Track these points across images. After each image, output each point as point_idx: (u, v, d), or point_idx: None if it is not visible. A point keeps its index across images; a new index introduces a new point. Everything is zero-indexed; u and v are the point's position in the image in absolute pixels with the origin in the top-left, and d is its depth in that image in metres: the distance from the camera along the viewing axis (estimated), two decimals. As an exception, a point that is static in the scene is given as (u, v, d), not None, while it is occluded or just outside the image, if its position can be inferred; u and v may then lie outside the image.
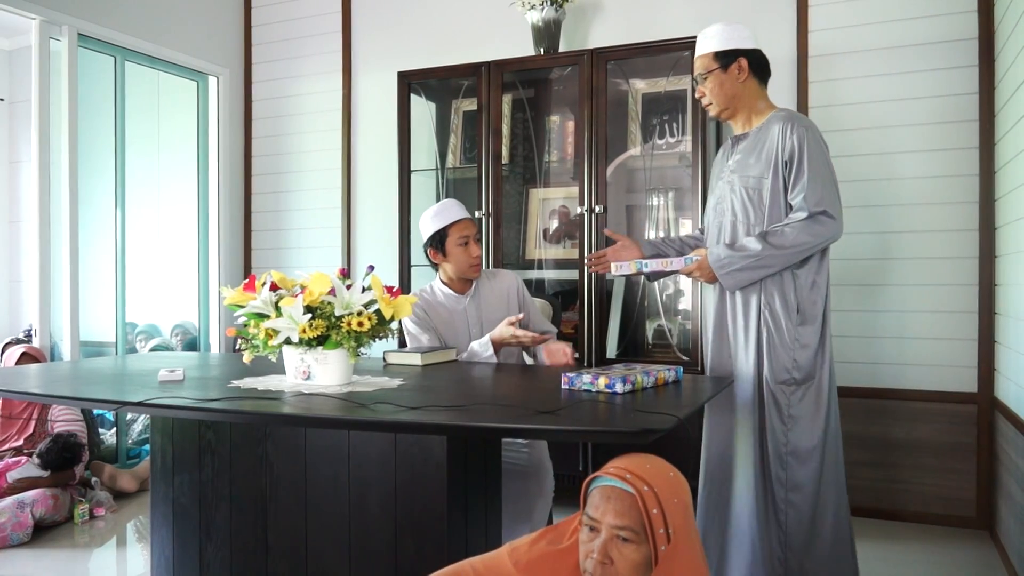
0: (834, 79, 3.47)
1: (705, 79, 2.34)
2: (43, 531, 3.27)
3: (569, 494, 2.96)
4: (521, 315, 2.54)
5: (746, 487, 2.29)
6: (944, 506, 3.31)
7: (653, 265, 2.38)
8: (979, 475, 3.25)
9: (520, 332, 2.49)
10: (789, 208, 2.25)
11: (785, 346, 2.24)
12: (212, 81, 4.58)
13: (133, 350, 4.45)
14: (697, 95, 2.40)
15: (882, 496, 3.40)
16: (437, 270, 2.74)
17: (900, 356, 3.37)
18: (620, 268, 2.43)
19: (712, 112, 2.39)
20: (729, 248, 2.25)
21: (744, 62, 2.31)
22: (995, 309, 3.19)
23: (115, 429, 4.06)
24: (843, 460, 2.34)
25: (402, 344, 3.84)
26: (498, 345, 2.55)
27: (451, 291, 2.70)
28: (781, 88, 3.53)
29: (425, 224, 2.68)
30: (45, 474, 3.35)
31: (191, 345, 4.60)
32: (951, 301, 3.30)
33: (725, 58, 2.31)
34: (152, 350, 4.51)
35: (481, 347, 2.56)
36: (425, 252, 2.71)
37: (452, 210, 2.67)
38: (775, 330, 2.25)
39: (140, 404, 1.82)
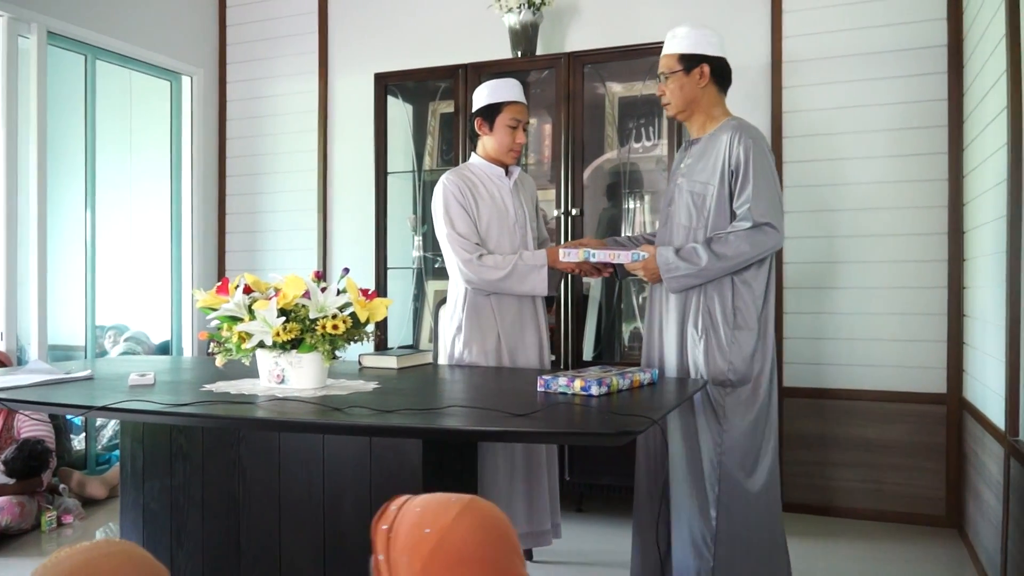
0: (808, 84, 3.50)
1: (667, 79, 2.40)
2: (9, 539, 3.20)
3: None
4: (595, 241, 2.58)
5: (682, 482, 2.34)
6: (914, 505, 3.36)
7: (600, 256, 2.43)
8: (948, 474, 3.30)
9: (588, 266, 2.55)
10: (733, 216, 2.30)
11: (722, 349, 2.29)
12: (186, 81, 4.53)
13: (104, 353, 4.38)
14: (658, 92, 2.46)
15: (853, 495, 3.44)
16: (474, 149, 2.72)
17: (871, 357, 3.42)
18: (568, 255, 2.47)
19: (669, 112, 2.46)
20: (676, 253, 2.30)
21: (706, 68, 2.37)
22: (963, 311, 3.24)
23: (84, 435, 3.99)
24: (778, 462, 2.40)
25: (380, 344, 3.84)
26: (559, 268, 2.56)
27: (495, 167, 2.67)
28: (755, 93, 3.57)
29: (482, 93, 2.65)
30: (11, 481, 3.28)
31: (159, 352, 4.53)
32: (921, 303, 3.35)
33: (689, 62, 2.37)
34: (121, 354, 4.44)
35: (535, 260, 2.54)
36: (471, 120, 2.68)
37: (513, 90, 2.63)
38: (713, 333, 2.31)
39: (108, 409, 1.79)
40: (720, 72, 2.40)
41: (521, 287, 2.54)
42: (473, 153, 2.73)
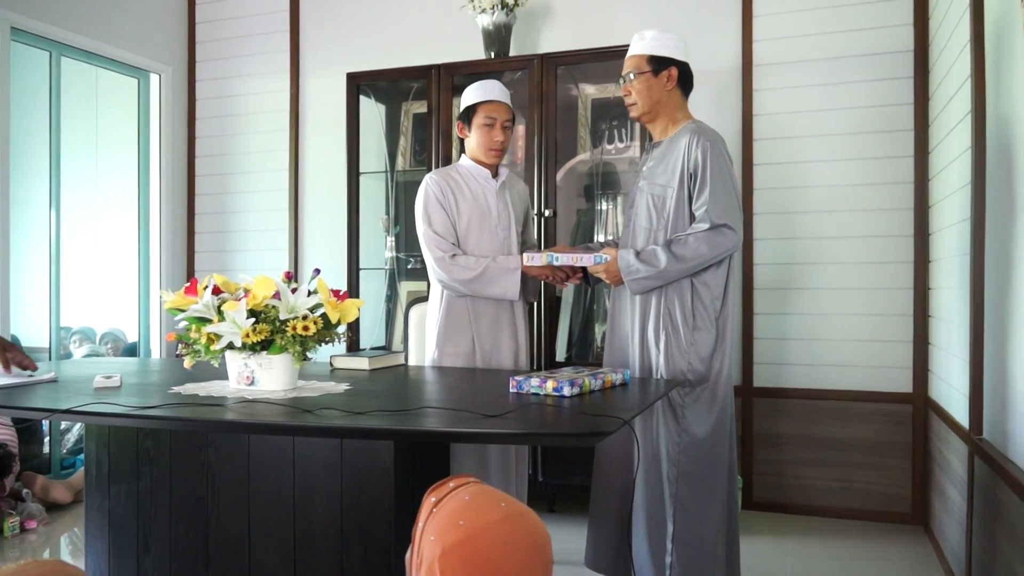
0: (778, 88, 3.55)
1: (634, 78, 2.41)
2: (-30, 545, 3.13)
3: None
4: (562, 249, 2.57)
5: (641, 480, 2.36)
6: (881, 503, 3.41)
7: (563, 259, 2.44)
8: (914, 472, 3.36)
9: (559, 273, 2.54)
10: (692, 218, 2.33)
11: (681, 350, 2.33)
12: (154, 79, 4.46)
13: (69, 355, 4.30)
14: (622, 93, 2.48)
15: (821, 494, 3.48)
16: (463, 152, 2.73)
17: (839, 358, 3.46)
18: (532, 259, 2.46)
19: (634, 113, 2.47)
20: (638, 256, 2.33)
21: (674, 71, 2.40)
22: (929, 312, 3.30)
23: (48, 439, 3.91)
24: (736, 462, 2.45)
25: (352, 345, 3.81)
26: (529, 274, 2.55)
27: (481, 168, 2.67)
28: (726, 95, 3.61)
29: (464, 95, 2.67)
30: (-27, 486, 3.21)
31: (126, 353, 4.45)
32: (888, 304, 3.40)
33: (658, 64, 2.40)
34: (85, 356, 4.36)
35: (507, 263, 2.55)
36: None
37: (489, 90, 2.63)
38: (672, 334, 2.34)
39: (72, 412, 1.76)
40: (685, 77, 2.44)
41: (492, 290, 2.54)
42: (463, 155, 2.73)
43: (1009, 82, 2.12)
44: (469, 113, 2.63)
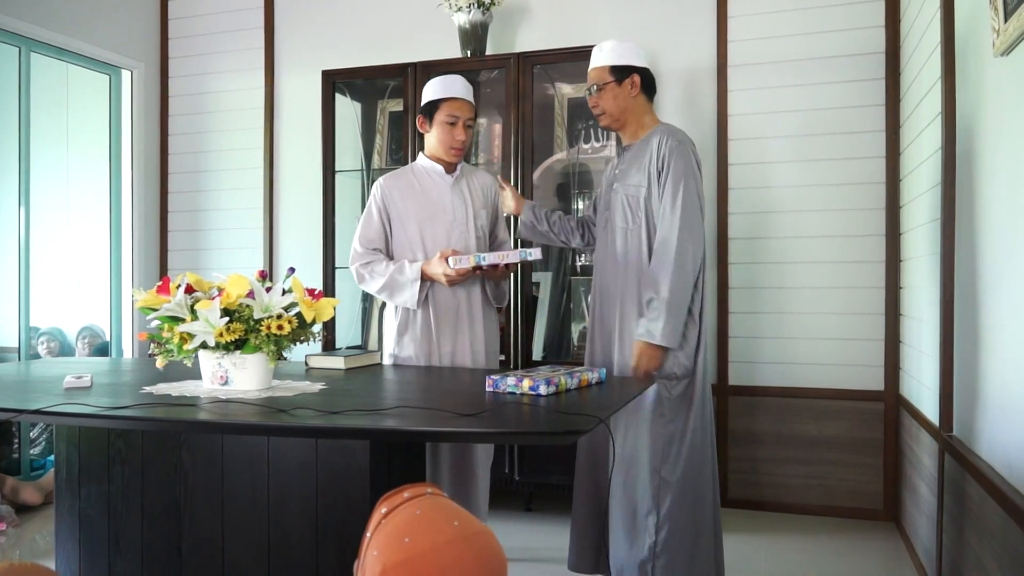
0: (753, 88, 3.57)
1: (600, 90, 2.47)
2: (-64, 549, 3.07)
3: (499, 497, 2.97)
4: (451, 251, 2.52)
5: (621, 482, 2.37)
6: (853, 499, 3.45)
7: (490, 258, 2.45)
8: (885, 469, 3.40)
9: (451, 271, 2.47)
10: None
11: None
12: (126, 75, 4.40)
13: (37, 356, 4.23)
14: (590, 104, 2.53)
15: (794, 491, 3.52)
16: (422, 148, 2.71)
17: (812, 356, 3.50)
18: (460, 262, 2.46)
19: (604, 122, 2.53)
20: (646, 319, 2.31)
21: (637, 78, 2.46)
22: (900, 311, 3.35)
23: (17, 440, 3.84)
24: (715, 454, 2.48)
25: (327, 344, 3.79)
26: (428, 278, 2.53)
27: (437, 165, 2.65)
28: (702, 96, 3.63)
29: (425, 91, 2.65)
30: (-61, 488, 3.15)
31: (101, 351, 4.39)
32: (860, 303, 3.44)
33: (620, 73, 2.46)
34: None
35: (407, 275, 2.53)
36: (416, 117, 2.69)
37: (453, 86, 2.60)
38: None
39: (41, 412, 1.73)
40: (648, 82, 2.50)
41: (396, 300, 2.58)
42: (420, 152, 2.71)
43: (978, 84, 2.15)
44: (431, 108, 2.61)
